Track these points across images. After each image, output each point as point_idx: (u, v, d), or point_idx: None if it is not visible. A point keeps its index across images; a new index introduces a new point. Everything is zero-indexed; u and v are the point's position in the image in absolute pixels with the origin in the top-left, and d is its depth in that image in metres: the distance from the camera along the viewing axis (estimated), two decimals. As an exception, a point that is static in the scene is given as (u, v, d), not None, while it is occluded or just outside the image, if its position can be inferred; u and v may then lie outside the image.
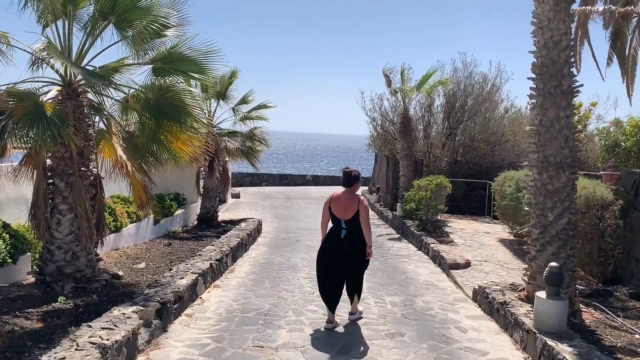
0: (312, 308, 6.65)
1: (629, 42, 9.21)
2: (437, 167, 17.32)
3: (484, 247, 11.03)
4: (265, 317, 6.22)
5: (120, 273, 7.37)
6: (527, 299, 6.38)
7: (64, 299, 6.02)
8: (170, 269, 7.37)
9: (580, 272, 7.89)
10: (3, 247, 6.44)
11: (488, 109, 17.47)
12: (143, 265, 8.20)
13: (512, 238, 11.84)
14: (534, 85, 6.34)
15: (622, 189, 7.98)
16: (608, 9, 6.15)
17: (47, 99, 6.47)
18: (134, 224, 10.32)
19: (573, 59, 6.18)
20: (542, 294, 5.44)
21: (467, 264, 9.16)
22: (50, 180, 6.68)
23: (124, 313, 5.03)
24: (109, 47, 6.96)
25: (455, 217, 15.41)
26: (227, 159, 14.39)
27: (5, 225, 6.76)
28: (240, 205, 18.60)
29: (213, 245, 9.22)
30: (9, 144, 5.98)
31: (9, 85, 6.15)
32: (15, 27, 7.65)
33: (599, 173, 9.42)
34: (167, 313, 5.66)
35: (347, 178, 6.02)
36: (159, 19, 6.81)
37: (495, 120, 17.67)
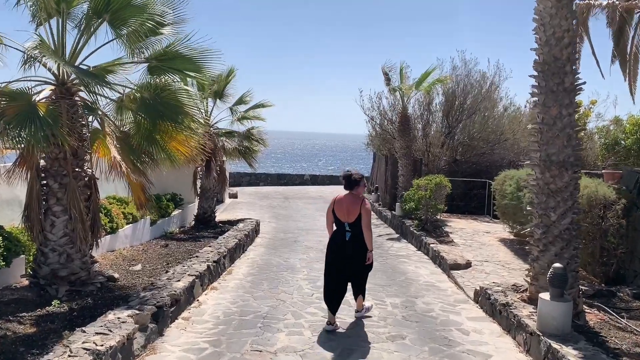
0: (311, 310, 6.54)
1: (631, 38, 9.09)
2: (436, 166, 17.22)
3: (485, 246, 10.94)
4: (264, 320, 6.11)
5: (116, 275, 7.25)
6: (529, 300, 6.28)
7: (58, 303, 5.91)
8: (167, 271, 7.25)
9: (583, 272, 7.79)
10: (-4, 249, 6.32)
11: (487, 108, 17.37)
12: (139, 267, 8.08)
13: (512, 237, 11.75)
14: (536, 83, 6.24)
15: (624, 188, 7.89)
16: (612, 4, 6.04)
17: (40, 99, 6.35)
18: (130, 225, 10.20)
19: (577, 56, 6.07)
20: (545, 296, 5.34)
21: (467, 264, 9.06)
22: (44, 182, 6.57)
23: (119, 317, 4.91)
24: (104, 45, 6.85)
25: (455, 216, 15.32)
26: (224, 159, 14.28)
27: (-1, 227, 6.65)
28: (238, 206, 18.49)
29: (210, 247, 9.10)
30: (1, 145, 5.85)
31: (1, 85, 6.03)
32: (8, 25, 7.52)
33: (600, 172, 9.33)
34: (163, 317, 5.54)
35: (348, 181, 5.98)
36: (155, 17, 6.70)
37: (495, 119, 17.57)
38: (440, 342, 5.63)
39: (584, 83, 6.07)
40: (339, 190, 6.16)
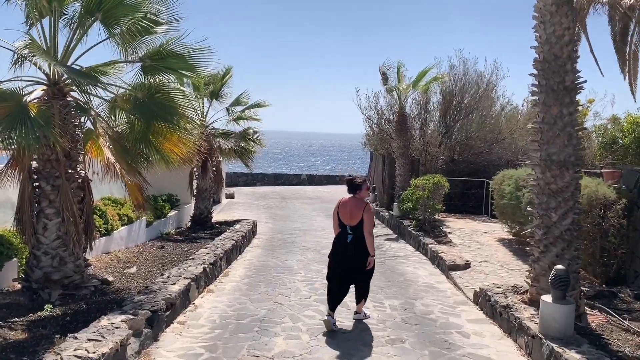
0: (309, 313, 6.43)
1: (630, 36, 9.01)
2: (433, 165, 17.13)
3: (483, 247, 10.85)
4: (261, 323, 6.00)
5: (110, 278, 7.13)
6: (530, 302, 6.20)
7: (51, 307, 5.79)
8: (162, 274, 7.14)
9: (583, 272, 7.72)
10: (-13, 253, 6.20)
11: (485, 107, 17.28)
12: (134, 270, 7.96)
13: (511, 237, 11.66)
14: (536, 82, 6.15)
15: (624, 187, 7.82)
16: (613, 0, 5.95)
17: (31, 99, 6.23)
18: (126, 227, 10.08)
19: (577, 54, 5.98)
20: (547, 298, 5.25)
21: (466, 265, 8.97)
22: (37, 184, 6.44)
23: (113, 323, 4.79)
24: (97, 44, 6.74)
25: (453, 216, 15.23)
26: (220, 159, 14.16)
27: (-10, 230, 6.53)
28: (235, 206, 18.36)
29: (207, 248, 8.98)
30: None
31: (-9, 85, 5.90)
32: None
33: (599, 171, 9.26)
34: (158, 321, 5.42)
35: (350, 186, 6.11)
36: (148, 16, 6.59)
37: (492, 118, 17.49)
38: (441, 345, 5.54)
39: (585, 81, 5.99)
40: (336, 190, 6.08)
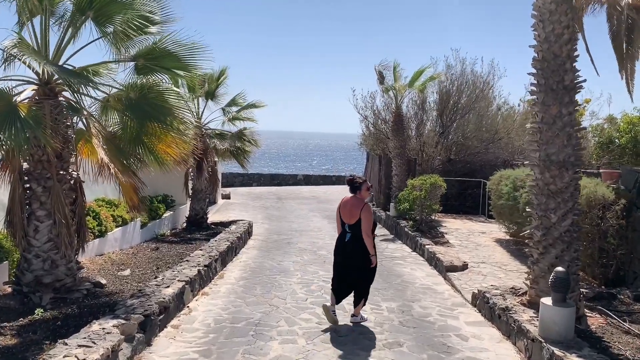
0: (305, 316, 6.33)
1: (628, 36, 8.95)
2: (430, 165, 17.05)
3: (481, 247, 10.78)
4: (256, 327, 5.89)
5: (103, 281, 7.01)
6: (529, 304, 6.12)
7: (42, 311, 5.67)
8: (156, 277, 7.02)
9: (582, 274, 7.65)
10: (-23, 256, 6.08)
11: (482, 107, 17.21)
12: (128, 272, 7.84)
13: (508, 238, 11.60)
14: (535, 81, 6.08)
15: (623, 188, 7.75)
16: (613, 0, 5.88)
17: (22, 99, 6.10)
18: (120, 228, 9.95)
19: (577, 53, 5.90)
20: (547, 301, 5.17)
21: (464, 266, 8.89)
22: (28, 185, 6.31)
23: (104, 328, 4.68)
24: (89, 44, 6.61)
25: (450, 216, 15.16)
26: (216, 160, 14.04)
27: (-20, 233, 6.40)
28: (231, 207, 18.24)
29: (202, 250, 8.87)
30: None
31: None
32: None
33: (597, 171, 9.19)
34: (151, 325, 5.31)
35: (351, 185, 6.24)
36: (141, 14, 6.46)
37: (489, 118, 17.43)
38: (439, 348, 5.45)
39: (584, 81, 5.92)
40: (333, 191, 6.03)
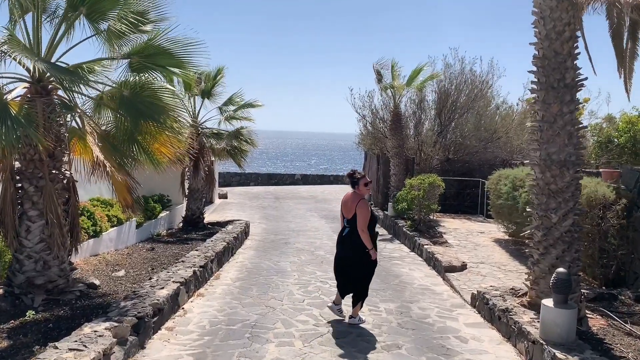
0: (302, 318, 6.23)
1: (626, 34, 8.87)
2: (428, 165, 16.96)
3: (479, 247, 10.70)
4: (252, 329, 5.79)
5: (97, 282, 6.89)
6: (529, 305, 6.03)
7: (33, 313, 5.56)
8: (151, 278, 6.91)
9: (582, 274, 7.57)
10: (-33, 257, 5.96)
11: (481, 106, 17.13)
12: (122, 273, 7.72)
13: (507, 238, 11.52)
14: (535, 79, 5.99)
15: (623, 187, 7.67)
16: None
17: (13, 97, 5.99)
18: (115, 228, 9.83)
19: (578, 51, 5.81)
20: (548, 302, 5.08)
21: (463, 267, 8.81)
22: (19, 185, 6.20)
23: (96, 330, 4.57)
24: (83, 41, 6.50)
25: (448, 216, 15.08)
26: (213, 159, 13.92)
27: (-29, 233, 6.27)
28: (228, 206, 18.12)
29: (197, 251, 8.76)
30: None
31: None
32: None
33: (597, 170, 9.12)
34: (144, 328, 5.20)
35: (350, 180, 6.28)
36: (135, 12, 6.35)
37: (487, 117, 17.34)
38: (438, 351, 5.35)
39: (586, 79, 5.84)
40: (330, 190, 5.96)
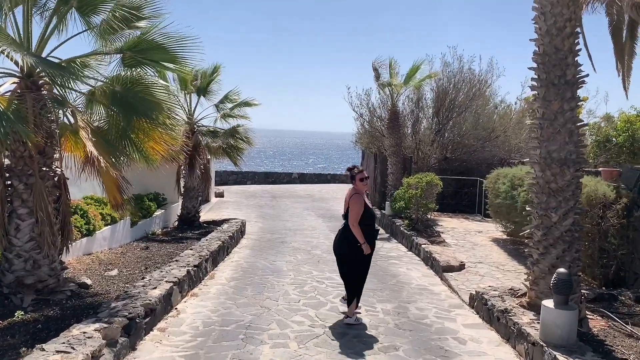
0: (297, 319, 6.11)
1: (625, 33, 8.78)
2: (426, 164, 16.86)
3: (477, 247, 10.60)
4: (247, 330, 5.67)
5: (89, 282, 6.76)
6: (529, 306, 5.93)
7: (22, 314, 5.43)
8: (144, 277, 6.78)
9: (582, 274, 7.47)
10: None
11: (479, 105, 17.03)
12: (115, 272, 7.59)
13: (505, 237, 11.42)
14: (536, 76, 5.88)
15: (624, 186, 7.57)
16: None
17: (2, 93, 5.86)
18: (109, 227, 9.70)
19: (579, 47, 5.71)
20: (549, 303, 4.98)
21: (461, 266, 8.70)
22: (9, 182, 6.07)
23: (85, 332, 4.44)
24: (74, 36, 6.38)
25: (446, 215, 14.98)
26: (209, 157, 13.79)
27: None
28: (224, 205, 17.99)
29: (192, 250, 8.63)
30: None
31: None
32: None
33: (595, 169, 9.03)
34: (136, 329, 5.07)
35: (350, 175, 6.35)
36: (128, 6, 6.22)
37: (486, 116, 17.25)
38: (436, 352, 5.25)
39: (587, 75, 5.73)
40: (328, 189, 5.85)
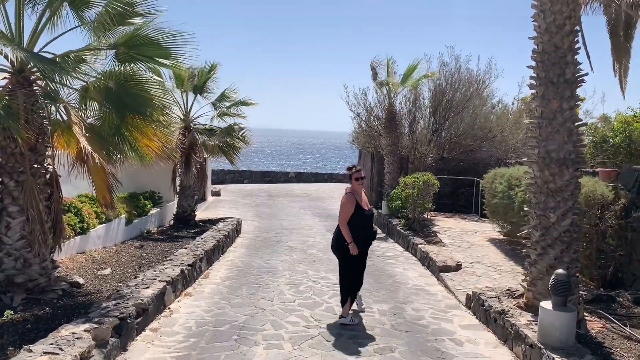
0: (292, 319, 6.03)
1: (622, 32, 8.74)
2: (422, 163, 16.80)
3: (474, 247, 10.54)
4: (240, 331, 5.58)
5: (81, 281, 6.67)
6: (526, 307, 5.87)
7: (12, 313, 5.33)
8: (137, 276, 6.69)
9: (579, 276, 7.42)
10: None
11: (476, 105, 16.98)
12: (108, 271, 7.50)
13: (502, 237, 11.37)
14: (535, 74, 5.81)
15: (622, 187, 7.52)
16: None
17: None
18: (103, 225, 9.59)
19: (578, 45, 5.64)
20: (547, 304, 4.91)
21: (457, 267, 8.64)
22: (-1, 179, 5.98)
23: (74, 332, 4.35)
24: (67, 31, 6.28)
25: (442, 215, 14.92)
26: (205, 156, 13.69)
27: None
28: (221, 204, 17.88)
29: (186, 249, 8.54)
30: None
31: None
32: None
33: (591, 169, 8.98)
34: (127, 329, 4.99)
35: (348, 175, 6.30)
36: (122, 1, 6.12)
37: (483, 116, 17.20)
38: (433, 354, 5.17)
39: (586, 74, 5.66)
40: (325, 188, 5.79)
